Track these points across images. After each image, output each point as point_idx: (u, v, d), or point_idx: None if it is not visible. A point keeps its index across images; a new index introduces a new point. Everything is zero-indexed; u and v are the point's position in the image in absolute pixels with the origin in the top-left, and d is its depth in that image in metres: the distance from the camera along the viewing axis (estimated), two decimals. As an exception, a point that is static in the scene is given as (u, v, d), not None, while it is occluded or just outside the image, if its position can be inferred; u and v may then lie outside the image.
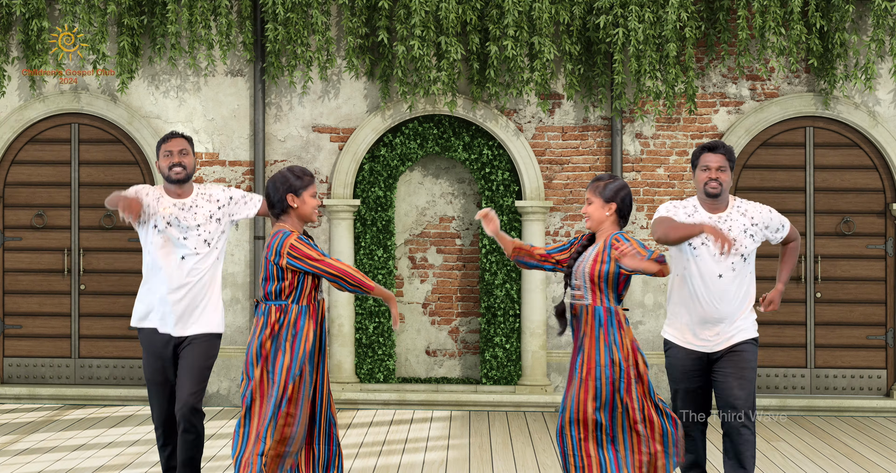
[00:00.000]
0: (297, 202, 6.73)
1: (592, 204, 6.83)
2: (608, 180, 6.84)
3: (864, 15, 12.13)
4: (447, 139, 12.39)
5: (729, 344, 7.17)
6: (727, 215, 7.21)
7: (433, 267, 12.57)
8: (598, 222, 6.83)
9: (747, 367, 7.13)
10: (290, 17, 12.00)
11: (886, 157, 12.14)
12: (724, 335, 7.17)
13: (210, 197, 7.55)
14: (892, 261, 12.24)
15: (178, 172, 7.48)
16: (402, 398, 12.14)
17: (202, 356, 7.45)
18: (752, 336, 7.22)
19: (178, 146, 7.50)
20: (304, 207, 6.75)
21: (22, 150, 12.63)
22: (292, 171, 6.75)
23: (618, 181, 6.84)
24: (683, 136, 12.24)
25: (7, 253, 12.67)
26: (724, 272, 7.12)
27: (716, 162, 7.14)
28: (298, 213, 6.76)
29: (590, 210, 6.83)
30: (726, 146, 7.20)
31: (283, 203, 6.72)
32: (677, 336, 7.26)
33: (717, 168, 7.14)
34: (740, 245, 7.14)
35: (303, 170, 6.77)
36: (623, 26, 11.72)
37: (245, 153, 12.42)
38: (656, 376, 12.24)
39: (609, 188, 6.82)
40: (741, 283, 7.16)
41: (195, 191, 7.59)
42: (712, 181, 7.14)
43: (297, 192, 6.73)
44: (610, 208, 6.82)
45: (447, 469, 9.22)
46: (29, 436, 10.51)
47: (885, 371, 12.25)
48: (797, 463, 9.56)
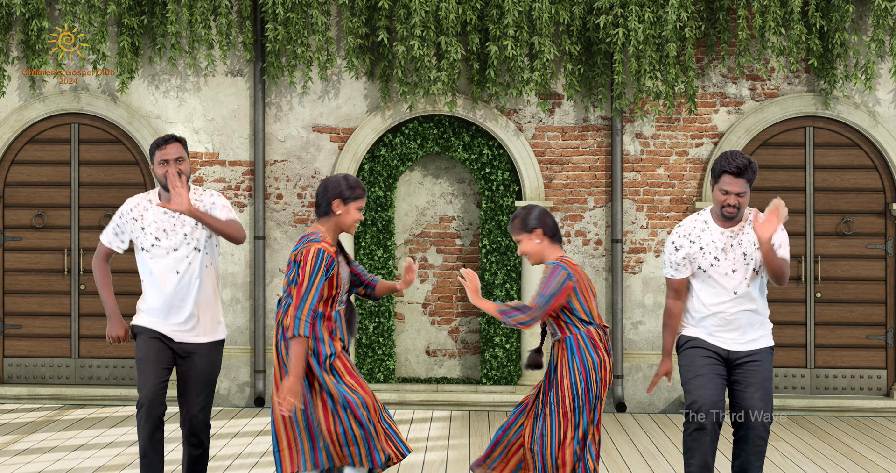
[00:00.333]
0: (341, 210, 6.80)
1: (522, 242, 6.81)
2: (520, 215, 6.81)
3: (864, 15, 12.13)
4: (447, 139, 12.40)
5: (749, 348, 7.05)
6: (739, 228, 7.03)
7: (433, 267, 12.57)
8: (537, 254, 6.83)
9: (768, 377, 7.02)
10: (290, 17, 12.00)
11: (886, 157, 12.15)
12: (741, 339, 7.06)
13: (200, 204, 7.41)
14: (892, 261, 12.24)
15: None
16: (402, 398, 12.14)
17: (208, 367, 7.33)
18: (771, 345, 7.13)
19: (173, 154, 7.25)
20: (347, 217, 6.80)
21: (22, 150, 12.64)
22: (347, 179, 6.82)
23: (528, 211, 6.80)
24: (683, 136, 12.24)
25: (7, 253, 12.67)
26: (738, 289, 7.00)
27: (736, 188, 6.88)
28: (339, 220, 6.82)
29: (524, 249, 6.82)
30: (750, 168, 6.89)
31: (328, 207, 6.79)
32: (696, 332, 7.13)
33: (737, 194, 6.89)
34: (751, 259, 6.98)
35: (357, 182, 6.83)
36: (623, 26, 11.72)
37: (245, 153, 12.42)
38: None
39: (523, 221, 6.80)
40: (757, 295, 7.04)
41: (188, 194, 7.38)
42: (729, 207, 6.91)
43: (345, 200, 6.79)
44: (537, 236, 6.79)
45: (447, 469, 9.22)
46: (29, 436, 10.51)
47: (885, 371, 12.25)
48: (797, 463, 9.56)
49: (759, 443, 7.00)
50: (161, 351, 7.30)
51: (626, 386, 12.24)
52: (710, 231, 7.06)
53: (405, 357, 12.60)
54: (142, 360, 7.28)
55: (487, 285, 12.28)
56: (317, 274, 6.61)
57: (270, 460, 9.57)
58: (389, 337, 12.37)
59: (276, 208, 12.41)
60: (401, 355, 12.60)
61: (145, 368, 7.25)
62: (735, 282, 6.99)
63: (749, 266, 6.98)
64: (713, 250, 7.00)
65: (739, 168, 6.86)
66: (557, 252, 6.82)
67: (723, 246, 7.01)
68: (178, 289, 7.28)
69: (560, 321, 6.75)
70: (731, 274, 6.98)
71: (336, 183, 6.81)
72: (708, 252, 7.02)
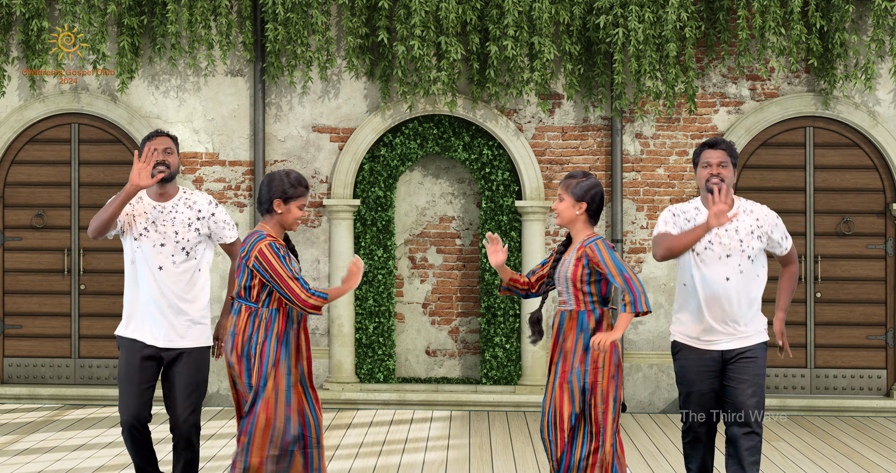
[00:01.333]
0: (282, 209, 6.73)
1: (563, 201, 6.76)
2: (580, 179, 6.76)
3: (864, 15, 12.13)
4: (447, 139, 12.39)
5: (742, 345, 7.05)
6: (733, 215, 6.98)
7: (433, 267, 12.57)
8: (568, 220, 6.78)
9: (760, 373, 7.03)
10: (290, 17, 12.00)
11: (886, 157, 12.14)
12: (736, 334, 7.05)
13: (193, 204, 7.27)
14: (892, 261, 12.24)
15: (161, 170, 7.17)
16: (402, 398, 12.13)
17: (196, 372, 7.18)
18: (765, 340, 7.12)
19: (162, 144, 7.19)
20: (288, 216, 6.73)
21: (22, 150, 12.63)
22: (289, 176, 6.73)
23: (590, 180, 6.76)
24: (683, 136, 12.24)
25: (7, 253, 12.67)
26: (731, 275, 7.00)
27: (717, 158, 7.03)
28: (280, 219, 6.75)
29: (560, 207, 6.77)
30: (727, 142, 7.07)
31: (268, 205, 6.73)
32: (689, 338, 7.11)
33: (719, 164, 7.02)
34: (747, 246, 7.00)
35: (299, 179, 6.74)
36: (623, 26, 11.72)
37: (245, 153, 12.42)
38: (656, 376, 12.24)
39: (580, 187, 6.74)
40: (749, 285, 7.03)
41: (178, 195, 7.30)
42: (714, 177, 7.01)
43: (286, 200, 6.72)
44: (580, 207, 6.76)
45: (447, 469, 9.22)
46: (29, 436, 10.51)
47: (885, 371, 12.25)
48: (797, 463, 9.56)
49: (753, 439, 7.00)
50: (143, 369, 7.13)
51: (627, 386, 12.24)
52: (702, 216, 7.11)
53: (405, 357, 12.60)
54: (123, 379, 7.13)
55: (487, 285, 12.28)
56: (284, 260, 6.60)
57: (270, 460, 9.57)
58: (389, 337, 12.37)
59: (276, 208, 12.41)
60: (401, 355, 12.60)
61: (127, 388, 7.12)
62: (729, 268, 6.99)
63: (744, 253, 7.00)
64: (707, 235, 7.03)
65: (716, 140, 7.06)
66: (588, 231, 6.79)
67: (717, 230, 7.03)
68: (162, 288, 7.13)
69: (579, 292, 6.71)
70: (724, 259, 7.00)
71: (278, 181, 6.72)
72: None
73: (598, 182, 6.82)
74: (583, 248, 6.69)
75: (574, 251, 6.75)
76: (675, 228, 7.14)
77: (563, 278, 6.75)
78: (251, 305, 6.69)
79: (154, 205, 7.22)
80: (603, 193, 6.79)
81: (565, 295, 6.75)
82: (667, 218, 7.16)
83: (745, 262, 7.02)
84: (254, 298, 6.69)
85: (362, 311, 12.38)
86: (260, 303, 6.68)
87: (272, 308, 6.68)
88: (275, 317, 6.68)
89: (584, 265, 6.68)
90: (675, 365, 7.19)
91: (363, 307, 12.38)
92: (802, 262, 12.29)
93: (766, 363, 7.18)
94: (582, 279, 6.68)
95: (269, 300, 6.68)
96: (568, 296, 6.74)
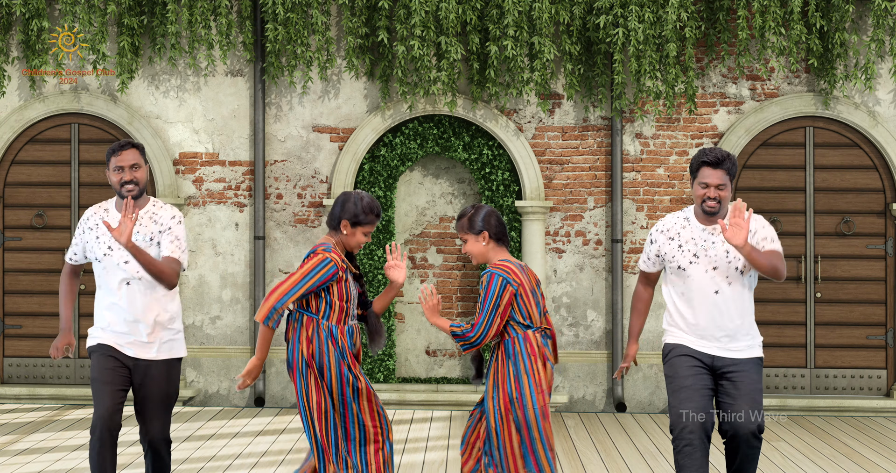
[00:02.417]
0: (347, 231, 6.83)
1: (468, 242, 6.74)
2: (469, 213, 6.74)
3: (864, 15, 12.13)
4: (447, 139, 12.40)
5: (734, 356, 6.80)
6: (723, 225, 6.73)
7: (433, 267, 12.57)
8: (481, 255, 6.74)
9: (756, 388, 6.78)
10: (290, 17, 12.00)
11: (886, 157, 12.15)
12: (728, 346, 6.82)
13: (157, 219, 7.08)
14: (892, 261, 12.24)
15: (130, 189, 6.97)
16: (402, 398, 12.14)
17: (166, 384, 7.02)
18: (759, 355, 6.87)
19: (129, 161, 6.95)
20: (352, 239, 6.84)
21: (22, 150, 12.64)
22: (363, 200, 6.85)
23: (476, 209, 6.74)
24: (683, 136, 12.24)
25: (7, 253, 12.67)
26: (720, 288, 6.77)
27: (716, 180, 6.69)
28: (344, 240, 6.87)
29: (468, 249, 6.74)
30: (729, 159, 6.71)
31: (337, 224, 6.83)
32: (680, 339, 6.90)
33: (717, 187, 6.70)
34: (733, 258, 6.76)
35: (371, 206, 6.85)
36: (623, 26, 11.72)
37: (245, 153, 12.42)
38: (656, 376, 12.24)
39: (471, 221, 6.73)
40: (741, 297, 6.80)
41: (147, 207, 7.12)
42: (710, 201, 6.72)
43: (354, 224, 6.83)
44: (483, 238, 6.72)
45: (447, 469, 9.22)
46: (29, 436, 10.51)
47: (885, 371, 12.25)
48: (797, 463, 9.56)
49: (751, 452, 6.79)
50: (115, 370, 6.99)
51: (626, 386, 12.24)
52: (690, 228, 6.86)
53: (405, 357, 12.60)
54: (96, 380, 6.98)
55: (487, 285, 12.27)
56: (310, 276, 6.61)
57: (270, 460, 9.57)
58: (389, 337, 12.37)
59: (275, 208, 12.41)
60: (401, 355, 12.60)
61: (100, 388, 6.96)
62: (716, 281, 6.77)
63: (731, 265, 6.76)
64: (692, 248, 6.80)
65: (718, 158, 6.70)
66: (502, 254, 6.72)
67: (703, 244, 6.80)
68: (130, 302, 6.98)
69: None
70: (710, 272, 6.77)
71: (353, 204, 6.83)
72: (687, 249, 6.82)
73: (487, 207, 6.75)
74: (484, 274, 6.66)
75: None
76: (653, 266, 7.00)
77: None
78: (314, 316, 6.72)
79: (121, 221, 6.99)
80: (498, 214, 6.78)
81: None
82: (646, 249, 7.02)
83: (734, 273, 6.78)
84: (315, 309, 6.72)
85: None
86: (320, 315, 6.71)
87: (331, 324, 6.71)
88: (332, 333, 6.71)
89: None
90: (666, 367, 6.92)
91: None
92: (802, 262, 12.29)
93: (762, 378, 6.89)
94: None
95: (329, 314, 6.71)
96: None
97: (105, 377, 6.96)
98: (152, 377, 7.02)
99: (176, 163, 12.41)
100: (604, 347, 12.27)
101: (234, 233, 12.42)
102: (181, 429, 10.95)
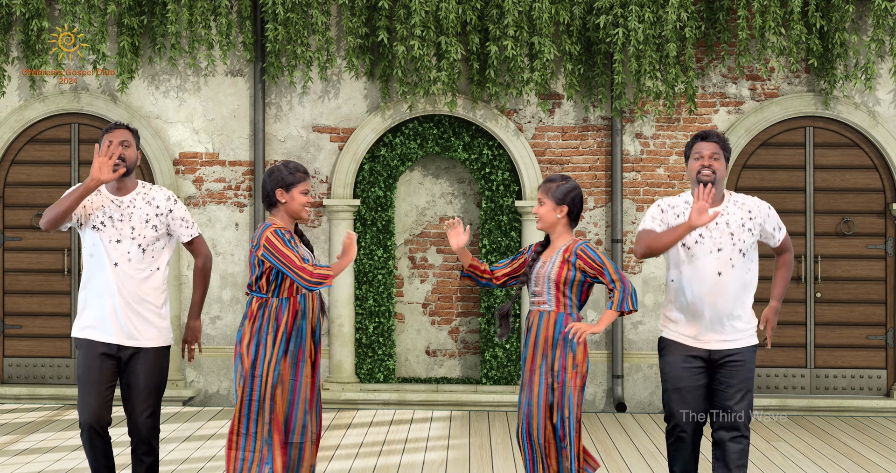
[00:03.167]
0: (285, 198, 6.72)
1: (544, 206, 6.80)
2: (560, 182, 6.80)
3: (864, 15, 12.13)
4: (447, 139, 12.40)
5: (731, 346, 6.92)
6: (723, 208, 6.94)
7: (433, 267, 12.57)
8: (549, 223, 6.81)
9: (749, 377, 6.93)
10: (290, 17, 12.01)
11: (886, 157, 12.15)
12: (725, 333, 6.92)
13: (151, 200, 7.03)
14: (892, 261, 12.24)
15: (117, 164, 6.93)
16: (402, 398, 12.14)
17: (154, 372, 6.98)
18: (754, 344, 7.00)
19: (119, 137, 6.93)
20: (293, 203, 6.71)
21: (22, 150, 12.64)
22: (286, 165, 6.73)
23: (569, 183, 6.80)
24: (683, 136, 12.24)
25: (7, 253, 12.67)
26: (723, 270, 6.86)
27: (708, 150, 6.90)
28: (287, 209, 6.74)
29: (541, 212, 6.81)
30: (720, 134, 6.96)
31: (271, 197, 6.72)
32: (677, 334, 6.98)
33: (710, 156, 6.89)
34: (738, 240, 6.88)
35: (297, 166, 6.72)
36: (623, 26, 11.72)
37: (245, 153, 12.42)
38: (656, 376, 12.24)
39: (560, 190, 6.78)
40: (742, 280, 6.90)
41: (137, 189, 7.06)
42: (705, 169, 6.88)
43: (287, 187, 6.70)
44: (561, 211, 6.79)
45: (447, 469, 9.22)
46: (29, 436, 10.51)
47: (885, 371, 12.25)
48: (797, 463, 9.56)
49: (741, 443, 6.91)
50: (103, 369, 6.94)
51: (627, 386, 12.24)
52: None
53: (405, 357, 12.60)
54: (82, 379, 6.93)
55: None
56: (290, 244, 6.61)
57: (270, 460, 9.57)
58: (389, 337, 12.37)
59: (276, 208, 12.41)
60: (401, 355, 12.60)
61: (86, 388, 6.91)
62: (720, 262, 6.86)
63: (735, 247, 6.88)
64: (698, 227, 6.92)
65: (708, 132, 6.96)
66: (569, 233, 6.83)
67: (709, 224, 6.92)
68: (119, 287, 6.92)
69: (561, 294, 6.73)
70: (715, 253, 6.87)
71: (277, 172, 6.72)
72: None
73: (577, 185, 6.86)
74: (569, 251, 6.71)
75: (559, 253, 6.76)
76: (660, 225, 7.01)
77: (543, 279, 6.75)
78: (262, 296, 6.70)
79: (112, 199, 7.00)
80: (583, 195, 6.85)
81: (545, 296, 6.75)
82: (654, 213, 7.03)
83: (737, 256, 6.88)
84: (263, 289, 6.70)
85: (362, 311, 12.38)
86: (269, 293, 6.69)
87: (282, 298, 6.70)
88: (285, 307, 6.69)
89: (569, 268, 6.70)
90: (661, 362, 7.04)
91: (363, 307, 12.38)
92: (802, 262, 12.29)
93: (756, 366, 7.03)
94: (566, 282, 6.70)
95: (279, 290, 6.69)
96: (548, 297, 6.74)
97: (91, 377, 6.93)
98: (140, 365, 6.98)
99: (176, 163, 12.42)
100: (604, 347, 12.27)
101: (234, 233, 12.42)
102: (181, 429, 10.95)
